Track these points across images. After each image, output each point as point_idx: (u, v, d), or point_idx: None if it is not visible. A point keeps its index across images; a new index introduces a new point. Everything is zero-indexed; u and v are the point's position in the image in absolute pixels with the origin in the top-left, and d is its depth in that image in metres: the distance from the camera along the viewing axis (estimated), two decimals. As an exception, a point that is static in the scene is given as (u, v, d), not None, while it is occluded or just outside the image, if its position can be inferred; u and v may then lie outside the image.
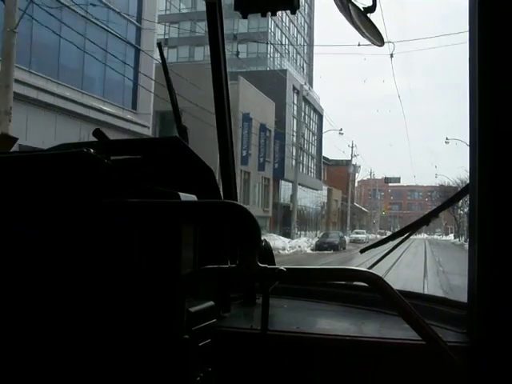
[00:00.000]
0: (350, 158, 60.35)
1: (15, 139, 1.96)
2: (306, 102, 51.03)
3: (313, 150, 55.91)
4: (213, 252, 1.54)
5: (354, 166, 62.57)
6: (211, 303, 1.44)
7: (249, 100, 33.06)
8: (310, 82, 57.73)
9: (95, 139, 1.68)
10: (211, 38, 2.15)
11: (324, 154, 62.81)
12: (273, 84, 39.16)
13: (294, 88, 45.49)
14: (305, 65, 60.93)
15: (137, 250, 1.31)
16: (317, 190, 54.88)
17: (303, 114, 49.66)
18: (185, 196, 1.40)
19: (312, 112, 54.79)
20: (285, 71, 44.66)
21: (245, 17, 1.65)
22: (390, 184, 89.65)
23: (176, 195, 1.38)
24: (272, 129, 39.58)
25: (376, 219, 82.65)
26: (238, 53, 32.16)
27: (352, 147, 59.49)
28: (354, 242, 45.54)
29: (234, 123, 28.68)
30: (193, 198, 1.44)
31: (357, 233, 54.37)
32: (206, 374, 1.30)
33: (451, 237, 61.63)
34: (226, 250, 1.63)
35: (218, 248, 1.60)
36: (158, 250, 1.32)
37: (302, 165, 48.37)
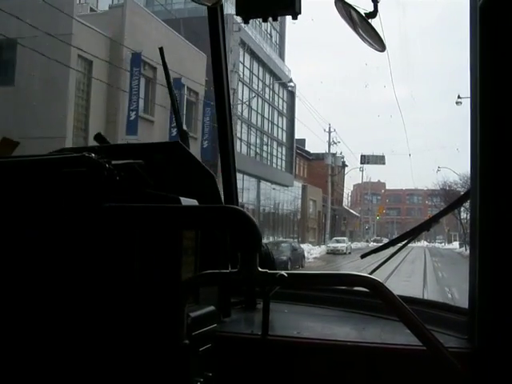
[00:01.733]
0: (329, 147, 48.45)
1: (16, 143, 1.96)
2: (268, 70, 36.31)
3: (282, 136, 42.25)
4: (213, 256, 1.54)
5: (334, 155, 50.39)
6: (212, 308, 1.44)
7: (149, 37, 20.60)
8: (282, 56, 42.18)
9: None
10: (213, 44, 2.16)
11: (307, 148, 51.09)
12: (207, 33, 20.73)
13: (244, 43, 30.68)
14: (274, 32, 42.38)
15: (138, 255, 1.31)
16: (286, 186, 42.00)
17: (257, 79, 35.04)
18: (185, 201, 1.40)
19: (278, 86, 39.92)
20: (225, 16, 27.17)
21: (246, 22, 1.66)
22: (387, 188, 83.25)
23: (177, 200, 1.38)
24: (201, 91, 25.95)
25: (369, 224, 73.23)
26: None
27: (329, 132, 47.57)
28: (333, 252, 36.43)
29: (118, 65, 19.75)
30: (194, 202, 1.44)
31: (337, 241, 42.22)
32: (206, 379, 1.30)
33: (455, 245, 52.89)
34: (227, 254, 1.63)
35: (219, 253, 1.59)
36: (158, 255, 1.32)
37: (259, 151, 36.20)
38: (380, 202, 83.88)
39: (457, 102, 30.94)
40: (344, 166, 59.61)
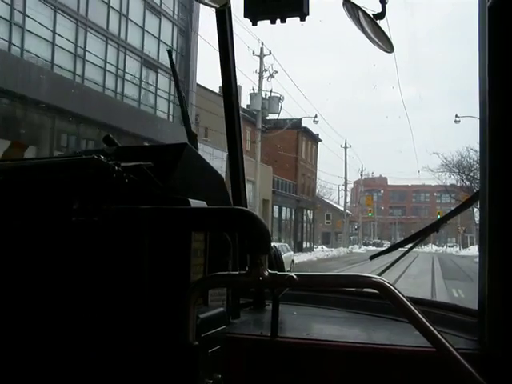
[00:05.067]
0: (259, 80, 28.10)
1: (26, 146, 1.98)
2: None
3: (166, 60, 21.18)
4: (222, 258, 1.55)
5: (267, 98, 28.69)
6: (221, 309, 1.44)
7: None
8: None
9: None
10: (221, 45, 2.17)
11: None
12: None
13: None
14: None
15: (147, 257, 1.32)
16: None
17: None
18: (194, 202, 1.40)
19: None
20: None
21: (254, 24, 1.66)
22: (390, 184, 73.32)
23: (186, 201, 1.39)
24: None
25: (358, 223, 61.10)
26: None
27: (260, 56, 27.61)
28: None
29: None
30: (203, 204, 1.44)
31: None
32: (215, 380, 1.30)
33: (473, 250, 38.70)
34: (236, 256, 1.63)
35: (228, 254, 1.60)
36: (168, 257, 1.33)
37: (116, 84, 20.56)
38: (382, 200, 75.38)
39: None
40: (317, 139, 44.87)
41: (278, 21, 1.62)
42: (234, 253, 1.59)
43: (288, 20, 1.61)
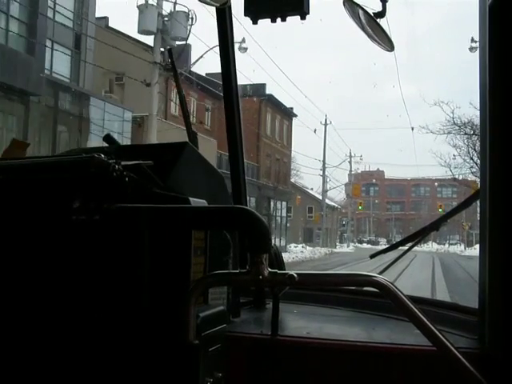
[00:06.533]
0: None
1: (27, 144, 1.98)
2: None
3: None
4: (223, 257, 1.55)
5: (169, 14, 18.04)
6: (221, 308, 1.45)
7: None
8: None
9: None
10: (221, 44, 2.17)
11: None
12: None
13: None
14: None
15: (147, 255, 1.32)
16: (25, 94, 17.51)
17: None
18: (195, 201, 1.41)
19: None
20: None
21: (255, 22, 1.67)
22: (386, 176, 68.23)
23: (186, 200, 1.39)
24: None
25: (347, 218, 56.44)
26: None
27: None
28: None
29: None
30: (203, 203, 1.44)
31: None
32: (216, 379, 1.30)
33: None
34: (236, 254, 1.63)
35: (228, 253, 1.60)
36: (168, 255, 1.33)
37: None
38: (378, 194, 70.75)
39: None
40: (290, 114, 37.37)
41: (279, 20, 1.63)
42: (235, 251, 1.59)
43: (288, 19, 1.62)
